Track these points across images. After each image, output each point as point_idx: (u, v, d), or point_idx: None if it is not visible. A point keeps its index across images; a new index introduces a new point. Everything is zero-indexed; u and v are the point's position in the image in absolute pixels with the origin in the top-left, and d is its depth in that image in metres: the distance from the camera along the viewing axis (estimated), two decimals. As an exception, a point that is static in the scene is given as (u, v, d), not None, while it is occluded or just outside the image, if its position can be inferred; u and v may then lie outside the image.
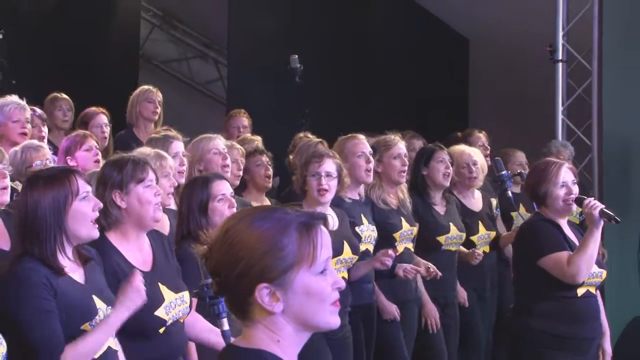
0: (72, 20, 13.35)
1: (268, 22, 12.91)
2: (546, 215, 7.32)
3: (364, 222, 8.10)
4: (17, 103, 8.95)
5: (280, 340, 3.13)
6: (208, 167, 7.99)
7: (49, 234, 5.35)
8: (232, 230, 3.14)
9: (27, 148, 7.69)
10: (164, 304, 5.94)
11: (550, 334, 7.16)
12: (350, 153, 8.34)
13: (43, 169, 6.06)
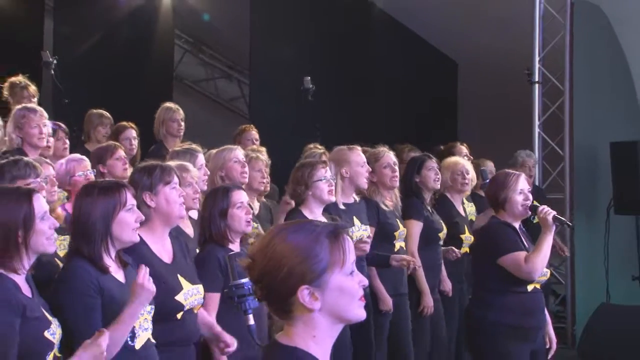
0: (116, 47, 13.44)
1: (284, 48, 12.92)
2: (503, 218, 7.35)
3: (355, 224, 8.02)
4: (33, 109, 8.90)
5: (315, 336, 3.30)
6: (229, 174, 7.97)
7: (97, 237, 5.38)
8: (272, 244, 3.28)
9: (70, 160, 7.67)
10: (182, 291, 5.99)
11: (504, 325, 7.17)
12: (353, 162, 8.26)
13: (99, 180, 6.25)
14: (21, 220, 4.95)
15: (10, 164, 6.47)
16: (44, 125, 8.71)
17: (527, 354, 7.21)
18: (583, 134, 11.90)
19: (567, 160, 11.89)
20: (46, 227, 5.06)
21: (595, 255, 10.88)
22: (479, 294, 7.53)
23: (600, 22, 12.38)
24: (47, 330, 4.95)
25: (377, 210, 8.41)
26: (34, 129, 8.60)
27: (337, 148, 8.66)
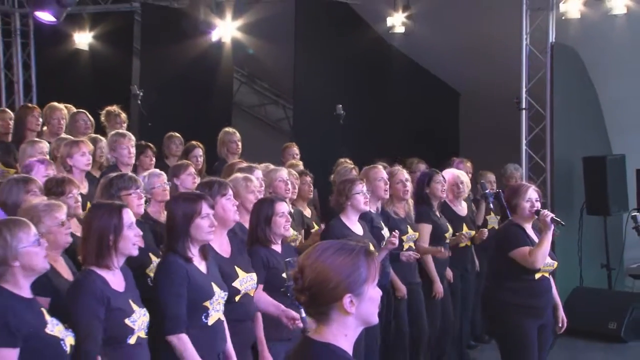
0: (188, 80, 13.45)
1: (321, 81, 12.90)
2: (515, 220, 7.33)
3: (384, 228, 8.07)
4: (123, 134, 8.96)
5: (347, 335, 3.32)
6: (276, 190, 7.96)
7: (181, 237, 5.51)
8: (320, 260, 3.31)
9: (152, 175, 7.61)
10: (238, 278, 6.05)
11: (515, 304, 7.18)
12: (373, 178, 8.26)
13: (184, 192, 6.27)
14: (112, 228, 5.01)
15: (118, 178, 6.59)
16: (132, 147, 8.76)
17: (534, 327, 7.20)
18: (561, 151, 11.84)
19: (548, 172, 11.81)
20: (132, 235, 5.14)
21: (570, 247, 10.87)
22: (495, 280, 7.49)
23: (574, 61, 12.47)
24: (128, 318, 5.01)
25: (388, 218, 8.40)
26: (124, 150, 8.67)
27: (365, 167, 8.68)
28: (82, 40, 14.09)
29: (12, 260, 4.44)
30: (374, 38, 13.61)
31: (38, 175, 7.14)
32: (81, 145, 8.24)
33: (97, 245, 5.00)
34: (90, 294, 4.87)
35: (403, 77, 14.00)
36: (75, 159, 8.10)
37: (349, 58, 13.17)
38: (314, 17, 13.00)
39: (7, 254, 4.43)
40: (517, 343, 7.21)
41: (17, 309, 4.41)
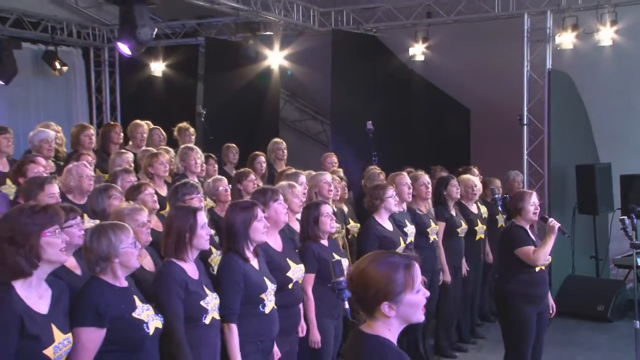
0: (242, 100, 13.46)
1: (354, 100, 12.89)
2: (518, 222, 7.30)
3: (407, 225, 8.08)
4: (191, 147, 9.03)
5: (390, 330, 3.32)
6: (320, 192, 7.92)
7: (240, 239, 5.51)
8: (365, 270, 3.32)
9: (215, 180, 7.75)
10: (291, 269, 6.05)
11: (519, 293, 7.15)
12: (399, 183, 8.30)
13: (239, 201, 6.07)
14: (188, 228, 5.09)
15: (182, 186, 6.69)
16: (198, 158, 8.84)
17: (534, 314, 7.16)
18: (556, 160, 11.80)
19: (545, 177, 11.81)
20: (204, 233, 5.21)
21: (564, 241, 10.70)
22: (502, 273, 7.50)
23: (568, 85, 12.40)
24: (202, 301, 5.07)
25: (414, 215, 8.44)
26: (192, 161, 8.76)
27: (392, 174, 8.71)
28: (156, 69, 14.23)
29: (113, 258, 4.49)
30: (398, 65, 13.60)
31: (122, 182, 7.26)
32: (160, 156, 8.37)
33: (176, 241, 5.10)
34: (172, 281, 4.95)
35: (422, 97, 13.97)
36: (155, 167, 8.24)
37: (377, 81, 13.17)
38: (347, 47, 12.98)
39: (110, 252, 4.48)
40: (517, 326, 7.18)
41: (108, 296, 4.42)
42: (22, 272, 4.00)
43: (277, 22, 12.65)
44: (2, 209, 6.05)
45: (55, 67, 13.78)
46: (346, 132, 12.72)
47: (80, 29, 14.50)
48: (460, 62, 13.01)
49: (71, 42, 14.45)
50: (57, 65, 13.78)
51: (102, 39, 14.87)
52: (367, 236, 7.60)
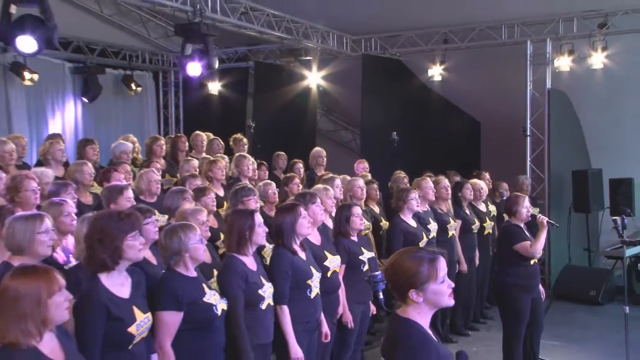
0: (286, 114, 13.42)
1: (381, 114, 12.86)
2: (514, 222, 7.27)
3: (430, 222, 8.06)
4: (244, 156, 8.97)
5: (420, 313, 3.33)
6: (354, 195, 7.97)
7: (289, 234, 5.51)
8: (397, 262, 3.35)
9: (265, 184, 7.76)
10: (328, 259, 6.03)
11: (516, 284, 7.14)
12: (424, 187, 8.30)
13: (284, 204, 6.02)
14: (248, 227, 5.11)
15: (241, 189, 6.69)
16: (251, 165, 8.88)
17: (528, 301, 7.15)
18: (555, 166, 11.76)
19: (546, 181, 11.77)
20: (261, 231, 5.22)
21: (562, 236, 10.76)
22: (501, 266, 7.44)
23: (565, 102, 12.34)
24: (260, 289, 5.09)
25: (435, 213, 8.40)
26: (244, 167, 8.76)
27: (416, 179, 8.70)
28: (213, 88, 14.29)
29: (184, 252, 4.58)
30: (418, 84, 13.58)
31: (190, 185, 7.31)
32: (218, 162, 8.41)
33: (238, 239, 5.12)
34: (235, 273, 4.98)
35: (439, 111, 13.89)
36: (214, 172, 8.28)
37: (400, 98, 13.13)
38: (375, 69, 12.97)
39: (181, 247, 4.58)
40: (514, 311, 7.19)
41: (183, 285, 4.52)
42: (106, 267, 4.10)
43: (315, 48, 12.68)
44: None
45: (132, 88, 13.99)
46: (374, 141, 12.68)
47: (152, 56, 14.66)
48: (472, 81, 12.95)
49: (144, 67, 14.61)
50: (133, 87, 14.00)
51: (169, 64, 15.00)
52: (394, 231, 7.62)
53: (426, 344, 3.22)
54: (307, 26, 11.99)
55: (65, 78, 12.94)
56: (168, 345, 4.40)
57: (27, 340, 3.19)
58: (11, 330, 3.16)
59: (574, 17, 11.41)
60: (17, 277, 3.27)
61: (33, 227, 4.40)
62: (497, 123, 13.26)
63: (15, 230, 4.42)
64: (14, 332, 3.16)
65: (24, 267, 3.43)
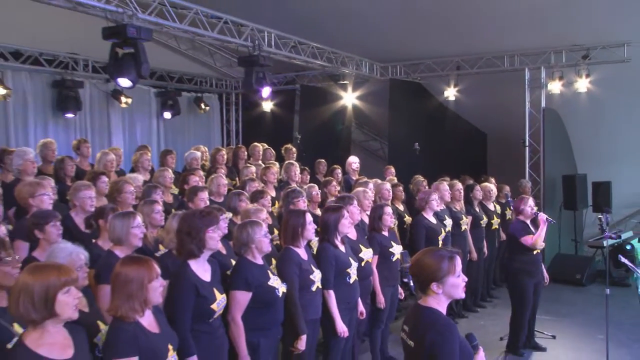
0: (326, 127, 13.44)
1: (405, 127, 12.78)
2: (520, 218, 7.29)
3: (446, 219, 8.03)
4: (293, 163, 9.08)
5: (439, 302, 3.30)
6: (382, 196, 8.00)
7: (333, 231, 5.51)
8: (421, 259, 3.33)
9: (310, 187, 7.73)
10: (362, 252, 6.02)
11: (522, 270, 7.19)
12: (442, 189, 8.37)
13: (330, 205, 6.01)
14: (300, 224, 5.13)
15: (292, 191, 6.71)
16: (297, 170, 8.96)
17: (532, 284, 7.21)
18: (549, 171, 11.75)
19: (541, 184, 11.70)
20: (311, 228, 5.22)
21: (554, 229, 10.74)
22: (510, 255, 7.45)
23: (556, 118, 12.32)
24: (311, 275, 5.10)
25: (450, 211, 8.36)
26: (292, 172, 8.84)
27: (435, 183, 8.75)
28: (266, 107, 14.33)
29: (251, 244, 4.67)
30: (435, 103, 13.54)
31: (249, 188, 7.40)
32: (271, 169, 8.48)
33: (292, 234, 5.15)
34: (291, 261, 5.04)
35: (453, 125, 13.82)
36: (268, 176, 8.33)
37: (421, 114, 13.09)
38: (400, 91, 12.95)
39: (249, 239, 4.66)
40: (521, 292, 7.22)
41: (252, 270, 4.60)
42: (194, 254, 4.25)
43: (350, 73, 12.73)
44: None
45: (201, 107, 14.12)
46: (399, 150, 12.62)
47: (217, 81, 14.78)
48: (480, 101, 12.93)
49: (211, 90, 14.72)
50: (202, 106, 14.13)
51: (231, 87, 15.11)
52: (417, 227, 7.58)
53: (450, 327, 3.19)
54: (344, 56, 12.07)
55: (151, 100, 13.18)
56: (239, 318, 4.48)
57: (133, 315, 3.34)
58: (122, 306, 3.32)
59: (563, 50, 11.41)
60: (126, 265, 3.45)
61: (128, 222, 4.59)
62: (501, 135, 13.26)
63: (115, 225, 4.61)
64: (124, 308, 3.32)
65: (131, 257, 3.62)
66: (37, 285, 2.83)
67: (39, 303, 2.82)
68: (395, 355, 7.00)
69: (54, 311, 2.85)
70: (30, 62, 10.68)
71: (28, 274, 2.89)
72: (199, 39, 9.42)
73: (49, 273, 2.88)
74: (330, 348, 5.50)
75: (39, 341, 2.84)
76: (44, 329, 2.86)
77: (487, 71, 12.20)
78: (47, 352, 2.83)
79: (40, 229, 4.66)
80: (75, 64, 11.40)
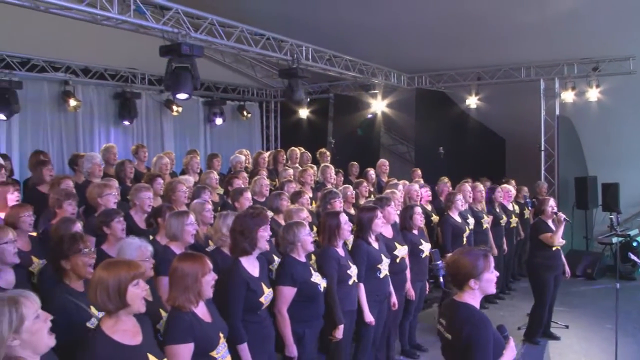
0: (356, 133, 13.32)
1: (430, 133, 12.69)
2: (543, 218, 7.23)
3: (469, 218, 7.94)
4: (328, 166, 9.09)
5: (474, 298, 3.29)
6: (411, 198, 7.96)
7: (367, 230, 5.49)
8: (457, 259, 3.32)
9: (345, 188, 7.67)
10: (397, 249, 5.93)
11: (543, 265, 7.13)
12: (464, 190, 8.29)
13: (364, 205, 5.92)
14: (336, 225, 5.09)
15: (329, 193, 6.70)
16: (333, 173, 8.96)
17: (552, 277, 7.17)
18: (563, 174, 11.64)
19: (556, 185, 11.56)
20: (347, 227, 5.14)
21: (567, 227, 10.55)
22: (532, 250, 7.41)
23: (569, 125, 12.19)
24: (348, 270, 5.04)
25: (473, 211, 8.30)
26: (328, 175, 8.85)
27: (458, 185, 8.68)
28: (303, 114, 14.32)
29: (297, 242, 4.66)
30: (458, 111, 13.44)
31: (288, 188, 7.40)
32: (308, 171, 8.47)
33: (329, 234, 5.12)
34: (331, 258, 5.01)
35: (474, 131, 13.70)
36: (305, 178, 8.31)
37: (445, 121, 13.00)
38: (425, 99, 12.87)
39: (294, 238, 4.66)
40: (541, 285, 7.17)
41: (297, 267, 4.60)
42: (246, 252, 4.29)
43: (380, 83, 12.70)
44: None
45: (244, 115, 14.14)
46: (425, 154, 12.57)
47: (258, 91, 14.81)
48: (499, 109, 12.82)
49: (253, 99, 14.75)
50: (245, 113, 14.15)
51: (270, 96, 15.14)
52: (445, 225, 7.51)
53: (484, 321, 3.19)
54: (374, 67, 12.04)
55: (199, 109, 13.27)
56: (284, 311, 4.50)
57: (189, 305, 3.38)
58: (179, 297, 3.38)
59: (575, 63, 11.28)
60: (183, 261, 3.50)
61: (182, 221, 4.65)
62: (518, 140, 13.12)
63: (171, 223, 4.68)
64: (181, 299, 3.38)
65: (187, 254, 3.68)
66: (111, 279, 2.93)
67: (113, 295, 2.91)
68: (422, 343, 6.99)
69: (125, 302, 2.94)
70: (96, 77, 11.07)
71: (103, 270, 2.99)
72: (243, 53, 9.47)
73: (120, 268, 2.98)
74: (362, 336, 5.51)
75: (114, 328, 2.93)
76: (117, 317, 2.95)
77: (506, 81, 12.08)
78: (120, 337, 2.92)
79: (107, 225, 4.79)
80: (134, 78, 11.68)
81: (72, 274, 3.72)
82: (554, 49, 10.88)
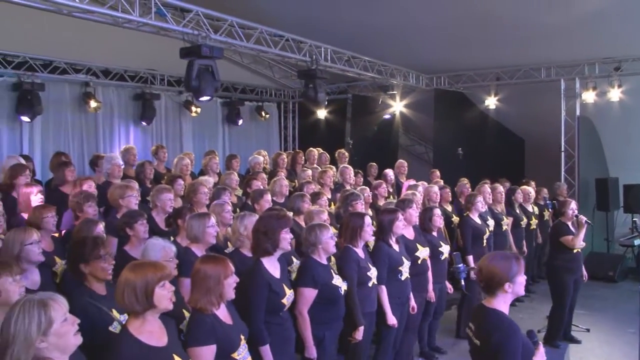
0: (376, 133, 13.37)
1: (449, 134, 12.65)
2: (563, 220, 7.20)
3: (489, 219, 7.87)
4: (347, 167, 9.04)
5: (505, 302, 3.27)
6: (430, 199, 7.95)
7: (388, 231, 5.47)
8: (488, 263, 3.29)
9: (362, 189, 7.68)
10: (419, 250, 5.93)
11: (563, 267, 7.09)
12: (484, 191, 8.28)
13: (385, 208, 5.95)
14: (359, 226, 5.06)
15: (351, 194, 6.66)
16: (352, 174, 8.95)
17: (572, 280, 7.12)
18: (583, 175, 11.58)
19: (576, 187, 11.51)
20: (369, 229, 5.14)
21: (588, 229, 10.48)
22: (552, 253, 7.36)
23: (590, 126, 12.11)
24: (368, 272, 5.04)
25: (492, 212, 8.25)
26: (347, 175, 8.83)
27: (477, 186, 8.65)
28: (321, 114, 14.30)
29: (319, 244, 4.65)
30: (477, 111, 13.37)
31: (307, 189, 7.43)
32: (328, 172, 8.51)
33: (351, 234, 5.10)
34: (351, 260, 5.00)
35: (493, 132, 13.59)
36: (324, 179, 8.35)
37: (463, 122, 12.95)
38: (444, 100, 12.86)
39: (316, 240, 4.66)
40: (561, 288, 7.14)
41: (318, 269, 4.60)
42: (268, 252, 4.31)
43: (398, 84, 12.70)
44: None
45: (262, 115, 14.20)
46: (444, 155, 12.55)
47: (276, 92, 14.85)
48: (519, 109, 12.75)
49: (271, 100, 14.80)
50: (263, 114, 14.21)
51: (288, 97, 15.18)
52: (465, 227, 7.45)
53: (513, 328, 3.17)
54: (392, 68, 12.03)
55: (217, 110, 13.35)
56: (305, 312, 4.51)
57: (211, 307, 3.41)
58: (201, 299, 3.40)
59: (596, 62, 11.19)
60: (205, 263, 3.52)
61: (204, 222, 4.69)
62: (538, 141, 13.05)
63: (192, 225, 4.72)
64: (203, 301, 3.40)
65: (209, 256, 3.70)
66: (139, 281, 2.96)
67: (141, 296, 2.95)
68: (441, 345, 6.97)
69: (152, 303, 2.97)
70: (116, 78, 11.16)
71: (130, 271, 3.02)
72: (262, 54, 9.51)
73: (147, 270, 3.01)
74: (383, 338, 5.53)
75: (140, 329, 2.97)
76: (144, 318, 2.99)
77: (525, 82, 12.03)
78: (146, 339, 2.95)
79: (130, 226, 4.87)
80: (153, 79, 11.81)
81: (91, 277, 3.78)
82: (575, 49, 10.82)
